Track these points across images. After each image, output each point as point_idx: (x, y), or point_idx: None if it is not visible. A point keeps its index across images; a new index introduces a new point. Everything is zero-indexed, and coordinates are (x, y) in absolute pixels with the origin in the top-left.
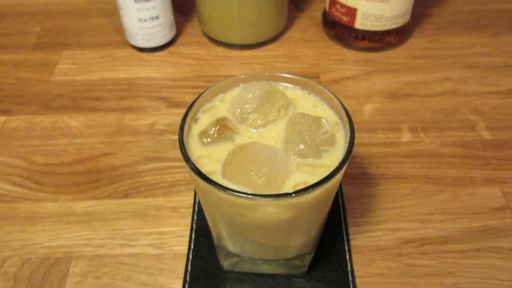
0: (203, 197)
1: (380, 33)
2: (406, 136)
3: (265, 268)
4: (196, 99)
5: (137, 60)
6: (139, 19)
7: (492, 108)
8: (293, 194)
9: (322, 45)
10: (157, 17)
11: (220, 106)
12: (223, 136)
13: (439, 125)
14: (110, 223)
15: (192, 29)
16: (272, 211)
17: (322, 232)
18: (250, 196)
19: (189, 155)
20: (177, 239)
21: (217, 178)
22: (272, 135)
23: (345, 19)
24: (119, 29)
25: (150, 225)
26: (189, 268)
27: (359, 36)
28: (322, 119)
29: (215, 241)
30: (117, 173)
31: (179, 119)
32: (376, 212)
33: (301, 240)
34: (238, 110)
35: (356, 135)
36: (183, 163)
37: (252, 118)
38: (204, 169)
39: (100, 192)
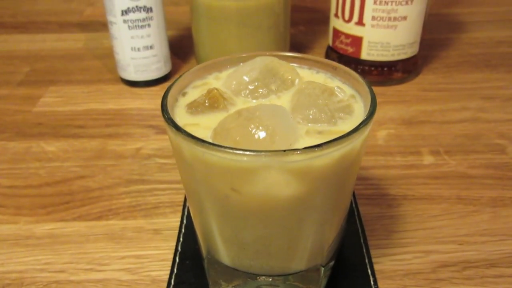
0: (189, 175)
1: (388, 64)
2: (428, 159)
3: None
4: (186, 72)
5: (128, 93)
6: (132, 48)
7: None
8: (303, 150)
9: None
10: (151, 47)
11: (213, 84)
12: (216, 106)
13: (463, 148)
14: (76, 246)
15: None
16: (277, 181)
17: (338, 242)
18: (250, 153)
19: (174, 121)
20: (157, 263)
21: None
22: None
23: (350, 50)
24: (112, 69)
25: (125, 249)
26: None
27: (366, 69)
28: (336, 87)
29: (204, 252)
30: (91, 195)
31: (169, 144)
32: (402, 234)
33: (312, 239)
34: (234, 82)
35: (371, 157)
36: (171, 185)
37: (251, 87)
38: None
39: (68, 214)
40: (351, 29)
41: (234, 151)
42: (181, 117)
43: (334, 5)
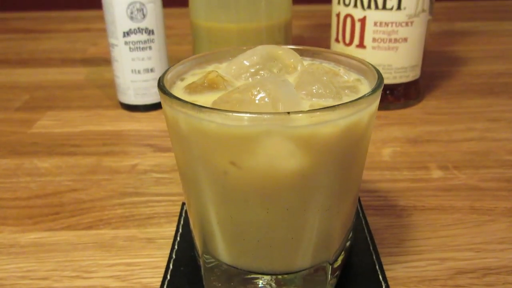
0: (185, 154)
1: (390, 87)
2: (437, 173)
3: None
4: (184, 60)
5: (127, 117)
6: (132, 70)
7: None
8: (308, 112)
9: None
10: (152, 70)
11: None
12: (215, 87)
13: (473, 164)
14: (62, 254)
15: None
16: (280, 151)
17: (345, 239)
18: (251, 115)
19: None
20: (149, 271)
21: None
22: None
23: None
24: (112, 96)
25: (115, 256)
26: None
27: None
28: (341, 69)
29: (200, 250)
30: (83, 206)
31: (167, 161)
32: (413, 242)
33: (317, 228)
34: (234, 67)
35: (377, 172)
36: (167, 197)
37: (252, 70)
38: None
39: (56, 224)
40: (352, 52)
41: (234, 114)
42: (179, 95)
43: (335, 30)
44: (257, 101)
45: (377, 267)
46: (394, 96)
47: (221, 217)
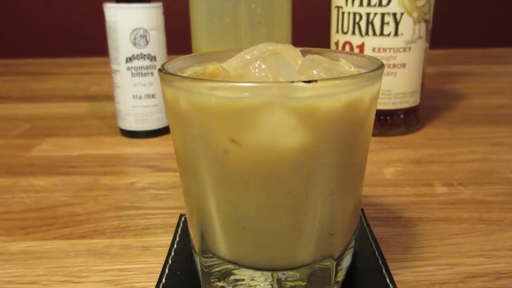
0: (185, 136)
1: (391, 112)
2: (441, 189)
3: None
4: (185, 55)
5: (126, 143)
6: (134, 96)
7: None
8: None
9: None
10: (153, 96)
11: None
12: (215, 76)
13: (477, 181)
14: (53, 261)
15: None
16: (281, 125)
17: (350, 234)
18: (252, 85)
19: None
20: (143, 276)
21: None
22: None
23: None
24: (113, 125)
25: (109, 263)
26: None
27: None
28: (341, 60)
29: (198, 246)
30: (77, 218)
31: (166, 180)
32: (420, 249)
33: (320, 216)
34: (235, 61)
35: (380, 188)
36: (165, 210)
37: (251, 63)
38: None
39: (49, 234)
40: None
41: (234, 84)
42: None
43: None
44: (257, 74)
45: (383, 270)
46: (394, 121)
47: (221, 204)
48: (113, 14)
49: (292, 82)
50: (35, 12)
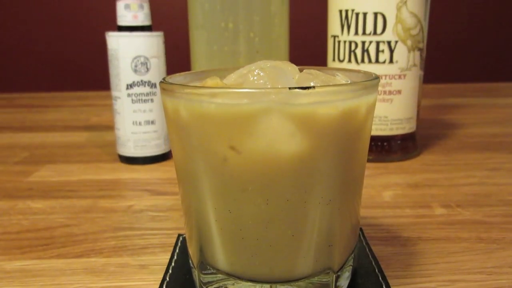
0: (184, 144)
1: (387, 138)
2: (440, 211)
3: None
4: (186, 72)
5: (125, 169)
6: (133, 122)
7: None
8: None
9: None
10: (152, 122)
11: None
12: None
13: (476, 203)
14: (49, 279)
15: None
16: (279, 131)
17: (350, 248)
18: (251, 90)
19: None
20: None
21: None
22: None
23: None
24: (112, 153)
25: (105, 280)
26: None
27: None
28: (338, 74)
29: (196, 260)
30: (74, 239)
31: (164, 202)
32: (421, 267)
33: (319, 225)
34: (234, 76)
35: (379, 210)
36: (163, 231)
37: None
38: None
39: (46, 254)
40: None
41: (234, 90)
42: None
43: None
44: (256, 82)
45: (384, 286)
46: (391, 147)
47: (220, 213)
48: (115, 42)
49: (290, 88)
50: (34, 47)
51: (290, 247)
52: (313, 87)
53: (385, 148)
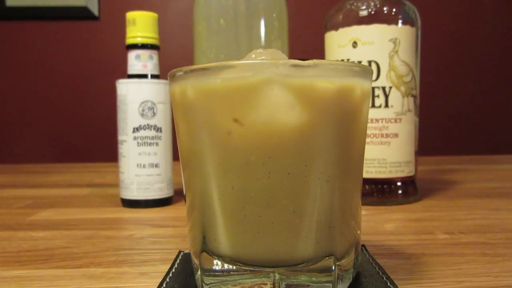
0: (190, 124)
1: (388, 181)
2: (443, 236)
3: None
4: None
5: (127, 212)
6: (138, 165)
7: None
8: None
9: None
10: (156, 165)
11: None
12: None
13: (479, 231)
14: (47, 282)
15: None
16: (280, 103)
17: (353, 237)
18: (253, 62)
19: None
20: None
21: None
22: None
23: None
24: (115, 202)
25: (104, 284)
26: None
27: (367, 188)
28: None
29: (199, 244)
30: (74, 256)
31: (166, 232)
32: (427, 272)
33: (319, 202)
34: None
35: (382, 236)
36: (164, 250)
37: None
38: None
39: (45, 265)
40: None
41: (238, 62)
42: None
43: None
44: (258, 58)
45: (388, 283)
46: (392, 190)
47: (223, 191)
48: (125, 88)
49: (291, 59)
50: (35, 120)
51: (292, 225)
52: (312, 59)
53: (386, 191)
